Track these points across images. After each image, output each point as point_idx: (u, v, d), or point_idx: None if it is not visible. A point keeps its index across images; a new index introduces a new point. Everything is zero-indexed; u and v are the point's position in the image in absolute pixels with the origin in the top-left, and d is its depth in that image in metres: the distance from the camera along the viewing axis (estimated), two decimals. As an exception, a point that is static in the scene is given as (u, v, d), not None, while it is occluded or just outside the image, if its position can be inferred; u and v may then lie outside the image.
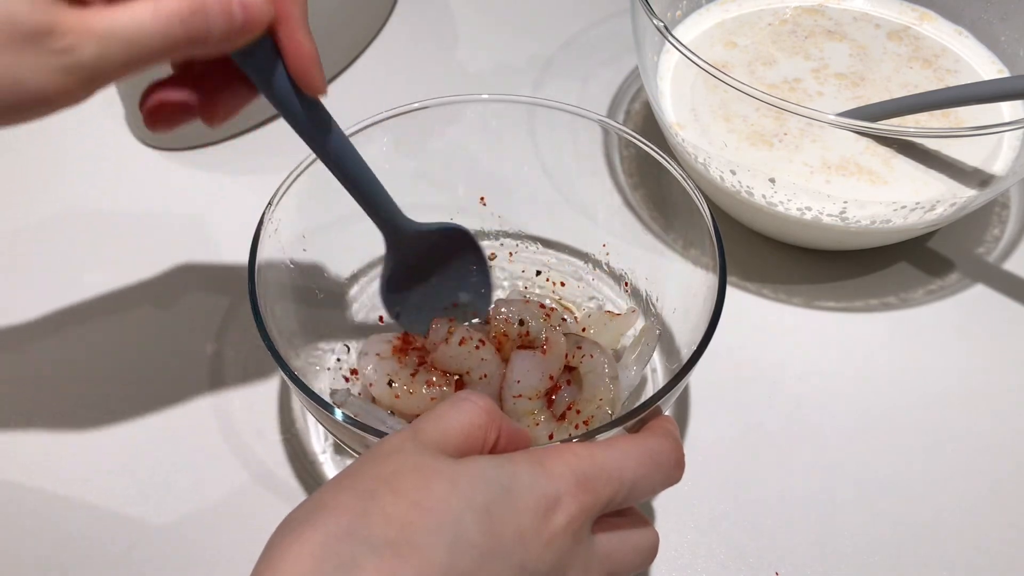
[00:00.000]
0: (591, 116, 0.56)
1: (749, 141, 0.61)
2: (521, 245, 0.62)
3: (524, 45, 0.81)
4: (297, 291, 0.54)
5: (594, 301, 0.59)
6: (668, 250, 0.57)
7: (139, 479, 0.54)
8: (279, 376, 0.58)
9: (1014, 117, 0.66)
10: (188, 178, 0.69)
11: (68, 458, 0.55)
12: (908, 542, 0.52)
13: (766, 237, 0.66)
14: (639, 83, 0.77)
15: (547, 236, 0.62)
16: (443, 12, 0.85)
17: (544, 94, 0.73)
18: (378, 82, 0.78)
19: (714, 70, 0.55)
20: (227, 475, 0.54)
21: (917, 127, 0.60)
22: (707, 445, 0.56)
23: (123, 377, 0.58)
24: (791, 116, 0.55)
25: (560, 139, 0.59)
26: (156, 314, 0.61)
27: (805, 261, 0.65)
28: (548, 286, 0.60)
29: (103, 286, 0.63)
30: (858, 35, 0.71)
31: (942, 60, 0.69)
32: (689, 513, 0.53)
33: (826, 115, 0.54)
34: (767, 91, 0.60)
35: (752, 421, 0.57)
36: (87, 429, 0.56)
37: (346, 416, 0.42)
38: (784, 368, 0.60)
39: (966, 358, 0.60)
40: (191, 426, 0.56)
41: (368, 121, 0.54)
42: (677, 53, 0.59)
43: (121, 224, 0.66)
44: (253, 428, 0.56)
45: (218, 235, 0.66)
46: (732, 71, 0.67)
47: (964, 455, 0.56)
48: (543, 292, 0.60)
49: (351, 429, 0.42)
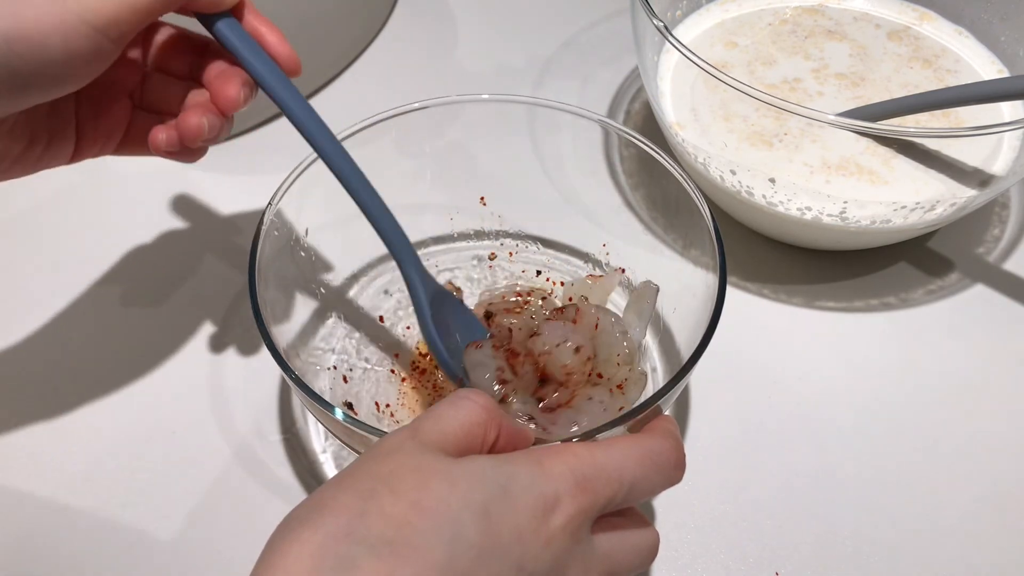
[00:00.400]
0: (591, 116, 0.56)
1: (749, 141, 0.61)
2: (521, 245, 0.62)
3: (524, 45, 0.81)
4: (298, 290, 0.54)
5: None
6: (668, 250, 0.57)
7: (139, 479, 0.54)
8: (279, 376, 0.58)
9: (1014, 117, 0.66)
10: (189, 178, 0.69)
11: (68, 458, 0.55)
12: (908, 542, 0.52)
13: (766, 237, 0.66)
14: (639, 83, 0.77)
15: (547, 236, 0.62)
16: (443, 12, 0.85)
17: (544, 94, 0.73)
18: (378, 82, 0.78)
19: (714, 70, 0.55)
20: (227, 475, 0.54)
21: (917, 127, 0.60)
22: (707, 445, 0.56)
23: (122, 377, 0.58)
24: (791, 116, 0.55)
25: (560, 139, 0.59)
26: (155, 313, 0.61)
27: (805, 261, 0.65)
28: (548, 286, 0.60)
29: (102, 285, 0.63)
30: (858, 35, 0.71)
31: (942, 60, 0.69)
32: (689, 513, 0.53)
33: (826, 115, 0.54)
34: (767, 91, 0.60)
35: (752, 421, 0.57)
36: (86, 429, 0.56)
37: (346, 416, 0.42)
38: (784, 368, 0.60)
39: (965, 357, 0.60)
40: (191, 425, 0.56)
41: (368, 121, 0.54)
42: (677, 53, 0.59)
43: (120, 223, 0.66)
44: (253, 428, 0.56)
45: (218, 235, 0.66)
46: (732, 71, 0.67)
47: (964, 454, 0.56)
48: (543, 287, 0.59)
49: (351, 428, 0.42)
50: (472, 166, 0.60)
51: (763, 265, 0.65)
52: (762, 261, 0.65)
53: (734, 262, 0.65)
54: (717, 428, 0.57)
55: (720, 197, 0.63)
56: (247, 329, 0.60)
